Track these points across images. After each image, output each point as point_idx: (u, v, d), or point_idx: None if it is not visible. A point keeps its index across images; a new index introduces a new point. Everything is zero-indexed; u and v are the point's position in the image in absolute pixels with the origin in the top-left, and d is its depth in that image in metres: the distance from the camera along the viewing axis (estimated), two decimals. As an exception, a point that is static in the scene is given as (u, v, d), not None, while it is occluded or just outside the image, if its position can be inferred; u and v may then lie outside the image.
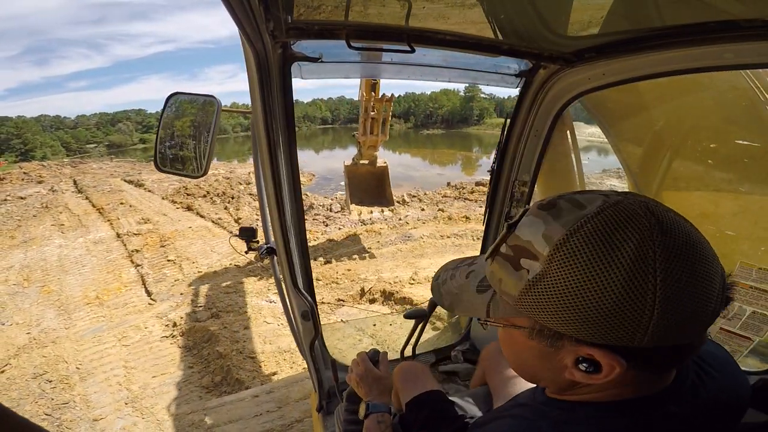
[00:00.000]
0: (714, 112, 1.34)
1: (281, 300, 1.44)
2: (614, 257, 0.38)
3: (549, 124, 1.39)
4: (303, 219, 1.27)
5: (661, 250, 0.38)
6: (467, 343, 2.06)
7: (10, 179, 15.68)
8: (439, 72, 1.33)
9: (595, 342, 0.41)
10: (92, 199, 10.49)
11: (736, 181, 1.30)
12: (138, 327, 4.13)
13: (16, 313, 4.52)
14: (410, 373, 1.15)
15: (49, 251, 6.63)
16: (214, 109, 1.21)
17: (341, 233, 7.21)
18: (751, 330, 1.08)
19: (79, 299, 4.82)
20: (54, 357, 3.59)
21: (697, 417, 0.47)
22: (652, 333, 0.38)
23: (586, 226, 0.40)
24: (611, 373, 0.42)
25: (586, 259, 0.39)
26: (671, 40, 0.89)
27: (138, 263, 5.85)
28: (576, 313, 0.40)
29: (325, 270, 5.41)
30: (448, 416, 0.99)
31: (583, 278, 0.39)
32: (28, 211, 9.64)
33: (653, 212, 0.40)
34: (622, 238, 0.38)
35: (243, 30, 0.78)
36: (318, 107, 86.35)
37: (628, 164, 1.56)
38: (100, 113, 74.10)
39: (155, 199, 10.70)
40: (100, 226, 8.05)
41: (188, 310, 4.44)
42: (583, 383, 0.45)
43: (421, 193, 10.69)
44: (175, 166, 1.35)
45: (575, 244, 0.40)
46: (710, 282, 0.39)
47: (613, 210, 0.40)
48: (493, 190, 1.62)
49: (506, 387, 1.11)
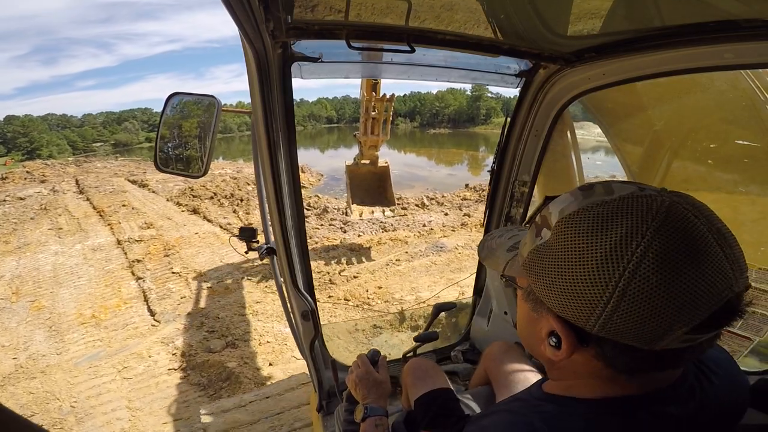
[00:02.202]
0: (714, 112, 1.34)
1: (281, 300, 1.44)
2: (600, 238, 0.39)
3: (549, 124, 1.39)
4: (303, 219, 1.27)
5: (645, 247, 0.37)
6: (467, 343, 2.06)
7: (13, 178, 15.65)
8: (439, 72, 1.33)
9: (560, 315, 0.43)
10: (93, 201, 10.13)
11: (736, 181, 1.30)
12: (140, 355, 3.54)
13: (2, 333, 4.02)
14: (420, 369, 1.15)
15: (43, 259, 6.22)
16: (214, 109, 1.21)
17: (362, 240, 6.53)
18: (751, 330, 1.08)
19: (73, 318, 4.30)
20: (44, 393, 3.04)
21: (695, 419, 0.46)
22: (603, 322, 0.39)
23: (597, 208, 0.41)
24: (567, 352, 0.44)
25: (578, 234, 0.41)
26: (671, 40, 0.89)
27: (140, 276, 5.29)
28: (553, 281, 0.42)
29: (353, 288, 4.79)
30: (455, 415, 0.99)
31: (567, 250, 0.41)
32: (26, 213, 9.32)
33: (669, 210, 0.38)
34: (617, 223, 0.39)
35: (243, 30, 0.78)
36: (323, 106, 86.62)
37: (628, 164, 1.56)
38: (106, 112, 75.42)
39: (159, 200, 10.30)
40: (99, 231, 7.63)
41: (198, 335, 3.79)
42: (554, 361, 0.47)
43: (438, 195, 10.10)
44: (176, 167, 1.36)
45: (578, 219, 0.41)
46: (691, 300, 0.36)
47: (630, 199, 0.40)
48: (493, 190, 1.62)
49: (509, 386, 1.11)
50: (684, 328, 0.37)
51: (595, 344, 0.42)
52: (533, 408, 0.50)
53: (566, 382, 0.50)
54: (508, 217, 1.63)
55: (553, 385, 0.52)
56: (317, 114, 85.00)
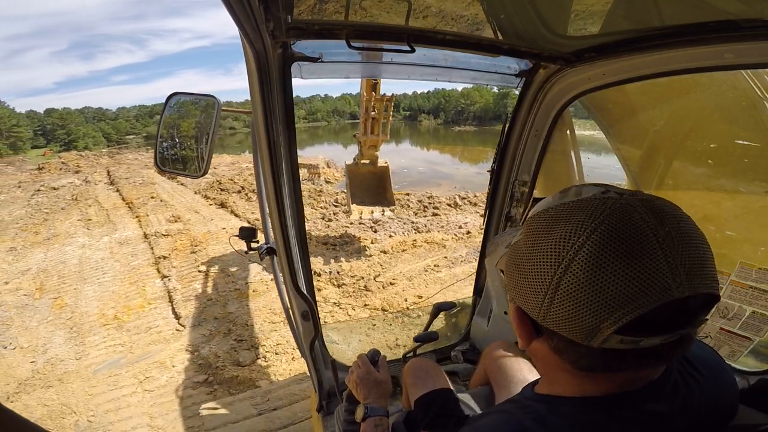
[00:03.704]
0: (714, 112, 1.34)
1: (281, 300, 1.44)
2: (548, 235, 0.42)
3: (549, 124, 1.39)
4: (303, 219, 1.27)
5: (582, 243, 0.39)
6: (467, 343, 2.06)
7: (49, 168, 16.09)
8: (440, 72, 1.33)
9: (521, 307, 0.47)
10: (123, 192, 10.06)
11: (737, 181, 1.30)
12: (163, 364, 3.30)
13: (22, 332, 3.90)
14: (421, 369, 1.15)
15: (70, 252, 6.16)
16: (213, 109, 1.21)
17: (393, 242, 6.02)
18: (751, 330, 1.08)
19: (95, 318, 4.14)
20: (59, 406, 2.84)
21: (680, 417, 0.47)
22: (544, 313, 0.42)
23: (557, 208, 0.44)
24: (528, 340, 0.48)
25: (534, 231, 0.44)
26: (671, 40, 0.89)
27: (165, 274, 5.09)
28: (512, 274, 0.47)
29: (389, 296, 4.42)
30: (455, 416, 0.99)
31: (526, 247, 0.45)
32: (57, 203, 9.35)
33: (618, 212, 0.39)
34: (565, 221, 0.41)
35: (243, 30, 0.78)
36: (347, 102, 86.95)
37: (628, 164, 1.56)
38: (139, 105, 78.16)
39: (187, 193, 10.16)
40: (127, 223, 7.49)
41: (225, 344, 3.52)
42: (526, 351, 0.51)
43: (470, 194, 9.46)
44: (176, 166, 1.36)
45: (537, 219, 0.45)
46: (622, 296, 0.37)
47: (588, 200, 0.42)
48: (493, 190, 1.62)
49: (509, 386, 1.11)
50: (613, 326, 0.38)
51: (547, 335, 0.46)
52: (525, 408, 0.51)
53: (548, 377, 0.52)
54: (508, 216, 1.63)
55: (543, 386, 0.53)
56: (341, 109, 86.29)
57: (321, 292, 4.59)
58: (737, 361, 1.06)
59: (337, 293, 4.64)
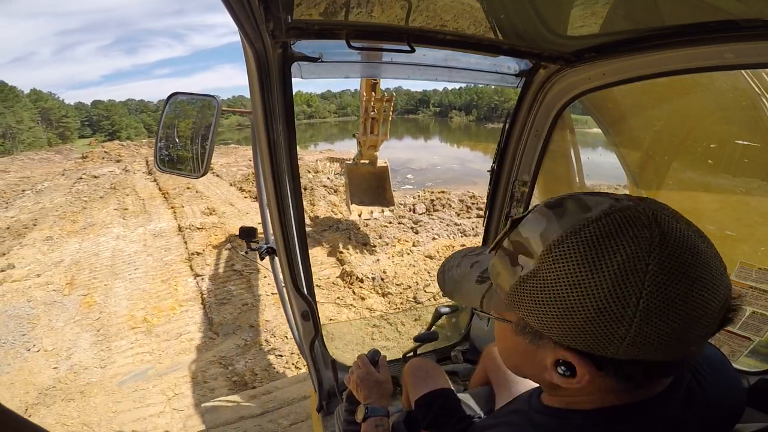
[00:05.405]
0: (714, 112, 1.34)
1: (281, 300, 1.44)
2: (603, 265, 0.37)
3: (549, 124, 1.39)
4: (303, 219, 1.27)
5: (654, 264, 0.36)
6: (467, 343, 2.06)
7: (92, 157, 16.54)
8: (440, 72, 1.33)
9: (571, 346, 0.41)
10: (160, 182, 10.09)
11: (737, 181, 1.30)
12: (195, 379, 3.01)
13: (47, 333, 3.71)
14: (421, 370, 1.15)
15: (104, 243, 6.03)
16: (214, 109, 1.21)
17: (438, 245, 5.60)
18: (751, 330, 1.08)
19: (123, 320, 3.93)
20: (79, 425, 2.59)
21: (693, 421, 0.46)
22: (627, 346, 0.37)
23: (584, 230, 0.39)
24: (583, 380, 0.42)
25: (576, 262, 0.38)
26: (671, 40, 0.89)
27: (198, 272, 4.79)
28: (557, 315, 0.39)
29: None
30: (456, 416, 0.99)
31: (569, 282, 0.38)
32: (96, 192, 9.41)
33: (660, 223, 0.38)
34: (615, 246, 0.37)
35: (243, 30, 0.78)
36: None
37: (628, 164, 1.56)
38: None
39: (222, 185, 10.06)
40: (162, 214, 7.35)
41: (262, 360, 3.21)
42: (562, 386, 0.45)
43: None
44: (176, 166, 1.35)
45: (569, 246, 0.39)
46: (704, 306, 0.37)
47: (617, 216, 0.39)
48: (493, 190, 1.62)
49: (509, 386, 1.11)
50: (702, 334, 0.38)
51: (613, 367, 0.41)
52: (531, 421, 0.50)
53: (567, 398, 0.49)
54: (508, 217, 1.63)
55: (552, 398, 0.51)
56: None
57: (365, 301, 4.25)
58: (737, 361, 1.06)
59: (383, 303, 4.29)
